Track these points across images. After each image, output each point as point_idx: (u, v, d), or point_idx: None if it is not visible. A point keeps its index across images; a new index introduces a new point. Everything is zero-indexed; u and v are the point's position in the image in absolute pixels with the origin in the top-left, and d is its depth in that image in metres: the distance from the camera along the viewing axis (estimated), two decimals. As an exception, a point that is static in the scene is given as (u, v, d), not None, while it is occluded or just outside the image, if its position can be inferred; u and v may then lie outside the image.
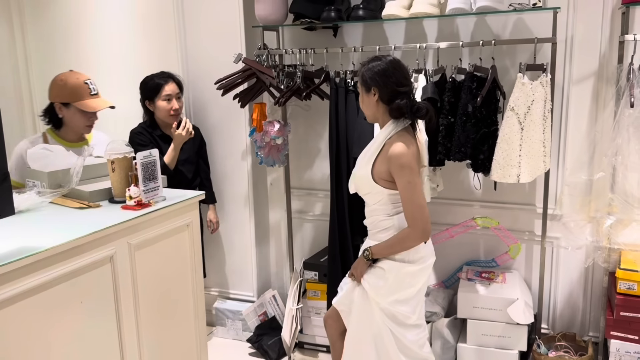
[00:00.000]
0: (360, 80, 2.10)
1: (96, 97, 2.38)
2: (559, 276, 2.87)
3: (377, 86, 2.04)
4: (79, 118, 2.37)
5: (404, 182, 1.99)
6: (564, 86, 2.67)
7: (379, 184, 2.06)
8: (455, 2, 2.44)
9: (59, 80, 2.37)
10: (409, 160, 1.99)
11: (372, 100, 2.07)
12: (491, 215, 2.85)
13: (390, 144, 2.02)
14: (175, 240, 2.02)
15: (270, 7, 2.79)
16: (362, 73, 2.08)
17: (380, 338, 2.13)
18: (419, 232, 2.02)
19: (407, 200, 2.00)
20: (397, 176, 2.00)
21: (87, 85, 2.36)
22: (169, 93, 2.82)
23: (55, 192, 1.91)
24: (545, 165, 2.49)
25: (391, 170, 2.01)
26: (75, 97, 2.32)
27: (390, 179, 2.03)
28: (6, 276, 1.38)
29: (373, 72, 2.03)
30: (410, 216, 2.01)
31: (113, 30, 3.44)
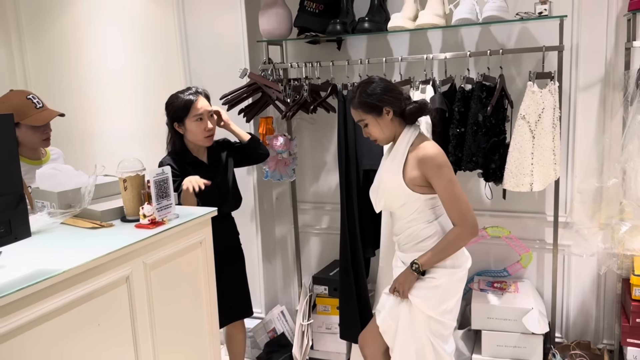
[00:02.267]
0: (366, 109, 2.02)
1: (42, 110, 2.30)
2: (571, 284, 2.85)
3: (389, 104, 2.01)
4: (32, 134, 2.31)
5: (445, 182, 1.95)
6: (570, 93, 2.68)
7: (415, 191, 2.01)
8: (461, 13, 2.44)
9: (1, 102, 2.29)
10: (445, 159, 1.98)
11: (386, 121, 2.03)
12: (501, 225, 2.84)
13: (416, 148, 2.00)
14: (189, 258, 1.98)
15: (274, 22, 2.79)
16: (361, 103, 2.02)
17: (422, 353, 2.08)
18: (470, 227, 1.98)
19: (451, 199, 1.96)
20: (436, 177, 1.96)
21: (31, 100, 2.29)
22: (201, 112, 2.41)
23: (67, 212, 1.87)
24: (555, 173, 2.49)
25: (427, 173, 1.97)
26: (22, 115, 2.25)
27: (425, 183, 1.99)
28: (24, 300, 1.34)
29: (377, 94, 2.00)
30: (458, 213, 1.97)
31: (114, 48, 3.43)
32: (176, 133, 2.49)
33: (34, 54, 3.69)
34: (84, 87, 3.57)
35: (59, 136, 2.56)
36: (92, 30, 3.47)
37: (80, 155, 3.42)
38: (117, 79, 3.46)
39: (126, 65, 3.41)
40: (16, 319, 1.32)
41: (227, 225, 2.59)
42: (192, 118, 2.41)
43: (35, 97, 2.33)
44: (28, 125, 2.27)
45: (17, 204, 1.35)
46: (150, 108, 3.40)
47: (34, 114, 2.28)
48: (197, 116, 2.40)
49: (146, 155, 3.38)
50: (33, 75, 3.71)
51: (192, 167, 2.46)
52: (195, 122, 2.41)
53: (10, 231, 1.34)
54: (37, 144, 2.35)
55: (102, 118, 3.56)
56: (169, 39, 3.24)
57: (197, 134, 2.43)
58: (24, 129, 2.29)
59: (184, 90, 2.47)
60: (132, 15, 3.33)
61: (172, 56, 3.25)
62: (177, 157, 2.47)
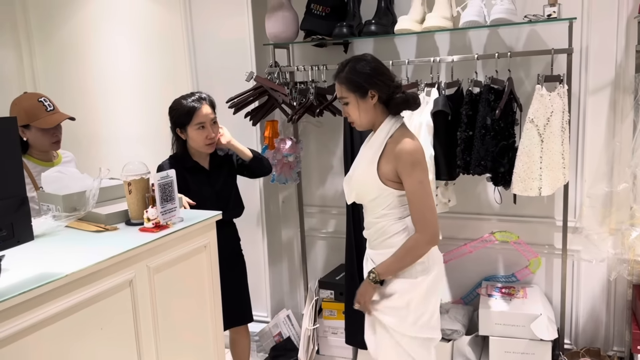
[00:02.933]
0: (350, 87, 1.88)
1: (53, 113, 2.33)
2: (581, 290, 2.81)
3: (376, 88, 1.87)
4: (42, 136, 2.33)
5: (415, 182, 1.82)
6: (580, 97, 2.64)
7: (387, 185, 1.89)
8: (469, 15, 2.42)
9: (14, 104, 2.34)
10: (421, 157, 1.85)
11: (369, 104, 1.89)
12: (510, 229, 2.81)
13: (395, 141, 1.86)
14: (193, 261, 1.97)
15: (281, 25, 2.78)
16: (348, 79, 1.88)
17: None
18: (429, 236, 1.86)
19: (417, 202, 1.83)
20: (407, 174, 1.83)
21: (42, 103, 2.32)
22: (202, 120, 2.36)
23: (71, 215, 1.87)
24: (564, 178, 2.46)
25: (399, 168, 1.84)
26: (32, 118, 2.28)
27: (398, 179, 1.86)
28: (27, 304, 1.33)
29: (366, 73, 1.86)
30: (421, 219, 1.84)
31: (122, 51, 3.44)
32: (179, 138, 2.46)
33: (42, 57, 3.70)
34: (91, 90, 3.58)
35: (67, 139, 2.56)
36: (100, 33, 3.49)
37: (87, 158, 3.42)
38: (124, 82, 3.47)
39: (133, 68, 3.42)
40: (19, 322, 1.32)
41: (228, 231, 2.55)
42: (194, 126, 2.37)
43: (47, 100, 2.35)
44: (38, 128, 2.29)
45: (19, 207, 1.34)
46: (157, 111, 3.40)
47: (44, 117, 2.29)
48: (200, 124, 2.36)
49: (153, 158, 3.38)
50: (42, 78, 3.73)
51: (192, 172, 2.43)
52: (197, 129, 2.37)
53: (12, 234, 1.33)
54: (47, 147, 2.36)
55: (110, 121, 3.57)
56: (176, 42, 3.24)
57: (199, 141, 2.39)
58: (34, 131, 2.31)
59: (188, 96, 2.42)
60: (139, 18, 3.34)
61: (179, 59, 3.25)
62: (175, 161, 2.43)
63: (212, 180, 2.45)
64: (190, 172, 2.42)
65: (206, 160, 2.48)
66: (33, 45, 3.71)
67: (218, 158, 2.50)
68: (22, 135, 2.32)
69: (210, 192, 2.44)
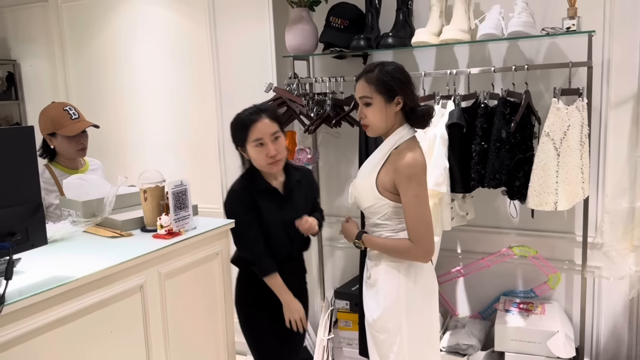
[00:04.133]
0: (379, 88, 1.84)
1: (77, 121, 2.41)
2: (602, 307, 2.74)
3: (405, 95, 1.85)
4: (67, 144, 2.41)
5: (410, 195, 1.81)
6: (601, 110, 2.60)
7: (384, 195, 1.88)
8: (486, 28, 2.41)
9: (42, 113, 2.44)
10: (419, 171, 1.83)
11: (392, 110, 1.86)
12: (528, 244, 2.77)
13: (398, 153, 1.86)
14: (205, 268, 2.02)
15: (300, 38, 2.82)
16: (380, 80, 1.84)
17: None
18: (421, 251, 1.84)
19: (412, 216, 1.82)
20: (403, 188, 1.82)
21: (67, 112, 2.40)
22: (259, 136, 2.03)
23: (89, 221, 1.94)
24: (584, 192, 2.41)
25: (396, 181, 1.84)
26: (58, 125, 2.37)
27: (395, 191, 1.86)
28: (38, 305, 1.39)
29: (400, 80, 1.85)
30: (415, 233, 1.82)
31: (149, 61, 3.54)
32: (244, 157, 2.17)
33: (74, 67, 3.85)
34: (119, 99, 3.70)
35: (95, 146, 2.66)
36: (129, 45, 3.61)
37: (115, 165, 3.53)
38: (151, 92, 3.58)
39: (160, 78, 3.52)
40: (29, 323, 1.38)
41: (295, 266, 2.28)
42: (252, 143, 2.05)
43: (72, 108, 2.44)
44: (63, 135, 2.38)
45: (34, 212, 1.41)
46: (182, 119, 3.50)
47: (68, 125, 2.39)
48: (258, 141, 2.03)
49: (177, 166, 3.50)
50: (73, 88, 3.87)
51: (264, 196, 2.11)
52: (255, 147, 2.04)
53: (27, 238, 1.39)
54: (73, 154, 2.45)
55: (136, 129, 3.68)
56: (201, 54, 3.32)
57: (259, 160, 2.07)
58: (59, 139, 2.40)
59: (247, 109, 2.11)
60: (166, 31, 3.44)
61: (204, 70, 3.33)
62: (248, 183, 2.12)
63: (286, 207, 2.14)
64: (263, 197, 2.11)
65: (280, 182, 2.16)
66: (66, 56, 3.85)
67: (294, 180, 2.17)
68: (50, 143, 2.42)
69: (280, 220, 2.13)
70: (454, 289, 3.03)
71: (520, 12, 2.37)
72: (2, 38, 4.16)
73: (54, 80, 3.94)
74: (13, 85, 4.17)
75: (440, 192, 2.41)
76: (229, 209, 2.13)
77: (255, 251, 2.11)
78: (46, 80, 4.00)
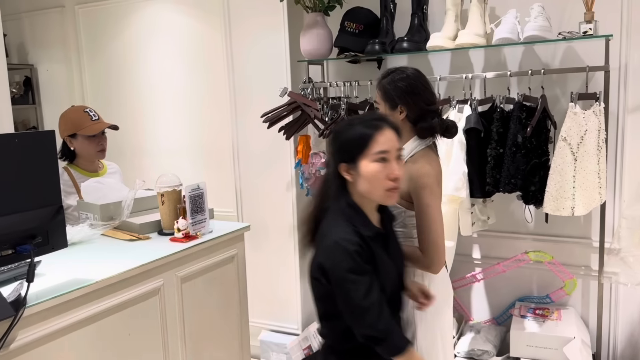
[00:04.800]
0: (384, 96, 1.88)
1: (97, 122, 2.45)
2: (619, 314, 2.72)
3: (405, 104, 1.85)
4: (88, 145, 2.44)
5: (422, 205, 1.79)
6: (618, 115, 2.58)
7: (398, 203, 1.83)
8: (502, 32, 2.41)
9: (62, 116, 2.48)
10: (431, 181, 1.80)
11: (397, 118, 1.86)
12: (544, 249, 2.74)
13: (414, 162, 1.84)
14: (221, 272, 2.03)
15: (315, 42, 2.83)
16: (384, 87, 1.88)
17: None
18: (429, 261, 1.79)
19: (423, 226, 1.79)
20: (415, 197, 1.80)
21: (87, 113, 2.45)
22: (384, 148, 1.51)
23: (107, 224, 1.96)
24: (601, 197, 2.39)
25: (411, 190, 1.81)
26: (78, 127, 2.41)
27: (410, 199, 1.84)
28: (58, 308, 1.41)
29: (400, 89, 1.85)
30: (424, 243, 1.79)
31: (165, 66, 3.57)
32: (342, 181, 1.56)
33: (91, 72, 3.89)
34: (135, 104, 3.73)
35: (111, 150, 2.68)
36: (145, 50, 3.64)
37: (131, 169, 3.56)
38: (166, 96, 3.60)
39: (175, 83, 3.55)
40: (50, 325, 1.40)
41: None
42: (371, 156, 1.51)
43: (92, 110, 2.49)
44: (84, 136, 2.42)
45: (54, 215, 1.42)
46: (197, 124, 3.52)
47: (88, 125, 2.43)
48: (381, 154, 1.51)
49: (192, 170, 3.51)
50: (89, 92, 3.91)
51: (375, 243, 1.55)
52: (374, 162, 1.51)
53: (47, 241, 1.41)
54: (93, 155, 2.49)
55: (152, 133, 3.71)
56: (216, 59, 3.34)
57: (375, 182, 1.52)
58: (80, 140, 2.44)
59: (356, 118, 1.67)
60: (182, 36, 3.47)
61: (219, 75, 3.35)
62: (357, 226, 1.53)
63: (392, 253, 1.65)
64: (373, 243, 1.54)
65: (376, 219, 1.64)
66: (82, 61, 3.90)
67: (385, 215, 1.69)
68: (70, 145, 2.46)
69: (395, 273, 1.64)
70: (469, 294, 3.01)
71: (536, 16, 2.36)
72: (20, 43, 4.21)
73: (70, 84, 3.98)
74: (30, 89, 4.22)
75: (459, 197, 2.40)
76: (340, 268, 1.46)
77: (384, 320, 1.49)
78: (63, 84, 4.05)
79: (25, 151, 1.36)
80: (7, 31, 3.99)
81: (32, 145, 1.39)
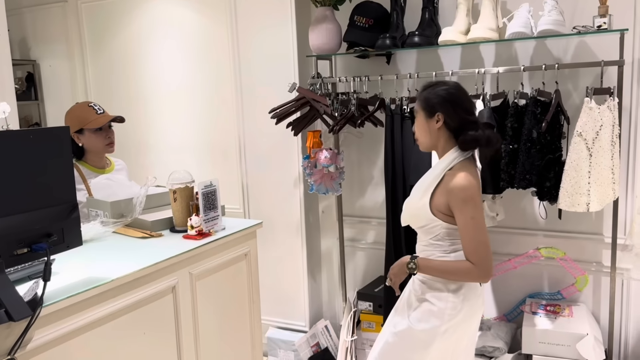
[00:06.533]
0: (423, 104, 1.91)
1: (102, 115, 2.44)
2: (631, 310, 2.70)
3: (445, 112, 1.86)
4: (95, 139, 2.43)
5: (467, 218, 1.80)
6: (631, 110, 2.55)
7: (437, 217, 1.87)
8: (515, 26, 2.38)
9: (67, 113, 2.47)
10: (474, 193, 1.82)
11: (433, 126, 1.89)
12: (556, 245, 2.72)
13: (452, 174, 1.84)
14: (234, 269, 2.01)
15: (324, 37, 2.80)
16: (425, 96, 1.91)
17: None
18: (482, 271, 1.82)
19: (470, 238, 1.81)
20: (459, 211, 1.82)
21: (92, 108, 2.44)
22: None
23: (119, 222, 1.94)
24: (614, 193, 2.37)
25: (451, 203, 1.83)
26: (84, 122, 2.40)
27: (449, 212, 1.85)
28: (75, 307, 1.38)
29: (441, 96, 1.87)
30: (475, 255, 1.81)
31: (170, 61, 3.54)
32: None
33: (94, 67, 3.85)
34: (139, 100, 3.69)
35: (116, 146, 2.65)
36: (149, 45, 3.60)
37: (135, 165, 3.52)
38: (171, 92, 3.57)
39: (181, 78, 3.51)
40: (66, 325, 1.37)
41: None
42: None
43: (97, 104, 2.48)
44: (91, 130, 2.41)
45: (69, 213, 1.39)
46: (202, 120, 3.49)
47: (94, 119, 2.42)
48: None
49: (198, 166, 3.49)
50: (93, 88, 3.88)
51: None
52: None
53: (62, 239, 1.38)
54: (101, 149, 2.47)
55: (156, 129, 3.68)
56: (222, 54, 3.31)
57: None
58: (87, 134, 2.42)
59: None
60: (187, 31, 3.43)
61: (225, 70, 3.32)
62: None
63: None
64: None
65: None
66: (86, 56, 3.86)
67: None
68: (78, 141, 2.44)
69: None
70: (480, 290, 2.99)
71: (550, 10, 2.33)
72: (22, 38, 4.17)
73: (73, 80, 3.95)
74: (33, 85, 4.18)
75: None
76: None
77: None
78: (65, 80, 4.01)
79: (40, 148, 1.33)
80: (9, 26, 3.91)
81: (46, 141, 1.36)
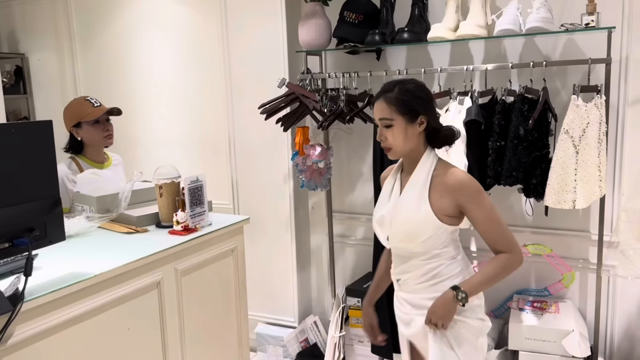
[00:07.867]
0: (401, 108, 1.70)
1: (99, 107, 2.46)
2: (616, 306, 2.72)
3: (427, 115, 1.73)
4: (93, 132, 2.45)
5: (487, 209, 1.71)
6: (618, 108, 2.57)
7: (443, 221, 1.73)
8: (504, 24, 2.38)
9: (65, 109, 2.49)
10: (478, 184, 1.73)
11: (415, 131, 1.72)
12: (543, 242, 2.74)
13: (443, 174, 1.73)
14: (220, 265, 2.00)
15: (313, 32, 2.79)
16: (399, 100, 1.71)
17: None
18: (519, 255, 1.73)
19: (496, 227, 1.72)
20: (476, 204, 1.70)
21: (88, 101, 2.46)
22: None
23: (104, 217, 1.93)
24: (601, 190, 2.39)
25: (463, 199, 1.70)
26: (81, 115, 2.42)
27: (455, 214, 1.74)
28: (57, 302, 1.38)
29: (420, 97, 1.72)
30: (505, 241, 1.72)
31: (159, 56, 3.52)
32: None
33: (83, 61, 3.82)
34: (129, 94, 3.67)
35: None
36: (138, 39, 3.58)
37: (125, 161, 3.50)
38: (161, 87, 3.55)
39: (170, 73, 3.50)
40: (48, 320, 1.36)
41: None
42: None
43: (93, 98, 2.50)
44: (89, 123, 2.42)
45: (52, 208, 1.39)
46: (192, 115, 3.48)
47: (91, 111, 2.43)
48: None
49: (187, 162, 3.47)
50: (82, 82, 3.85)
51: None
52: None
53: (45, 234, 1.38)
54: (100, 142, 2.49)
55: (146, 124, 3.66)
56: (212, 49, 3.30)
57: None
58: (85, 127, 2.43)
59: None
60: (177, 25, 3.41)
61: (215, 65, 3.30)
62: None
63: None
64: None
65: None
66: (75, 50, 3.83)
67: None
68: (77, 136, 2.46)
69: None
70: (467, 287, 3.00)
71: (539, 8, 2.33)
72: (10, 32, 4.13)
73: (62, 74, 3.92)
74: (21, 79, 4.15)
75: None
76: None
77: None
78: (54, 74, 3.98)
79: (22, 142, 1.33)
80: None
81: (29, 136, 1.35)
